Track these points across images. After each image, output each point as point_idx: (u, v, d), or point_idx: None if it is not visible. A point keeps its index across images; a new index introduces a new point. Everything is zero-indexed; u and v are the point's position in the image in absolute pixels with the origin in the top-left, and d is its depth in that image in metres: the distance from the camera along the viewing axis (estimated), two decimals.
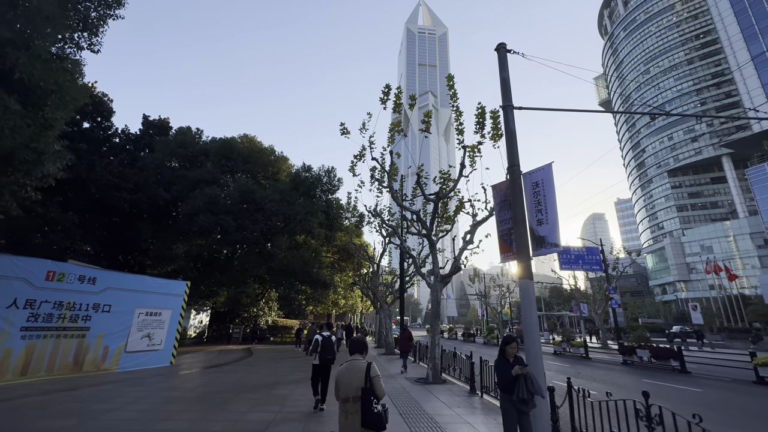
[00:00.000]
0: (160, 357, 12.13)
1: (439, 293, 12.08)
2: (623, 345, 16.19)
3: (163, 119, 27.10)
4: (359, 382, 3.03)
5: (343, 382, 3.10)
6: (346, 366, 3.21)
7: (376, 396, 2.99)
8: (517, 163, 6.13)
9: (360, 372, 3.09)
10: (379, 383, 3.10)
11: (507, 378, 3.89)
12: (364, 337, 3.96)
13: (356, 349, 3.38)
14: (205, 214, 19.20)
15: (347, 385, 3.06)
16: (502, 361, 4.10)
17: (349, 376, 3.09)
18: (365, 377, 3.05)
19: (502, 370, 4.01)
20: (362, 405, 2.91)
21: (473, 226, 12.30)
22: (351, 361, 3.26)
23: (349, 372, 3.11)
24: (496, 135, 11.91)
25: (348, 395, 3.02)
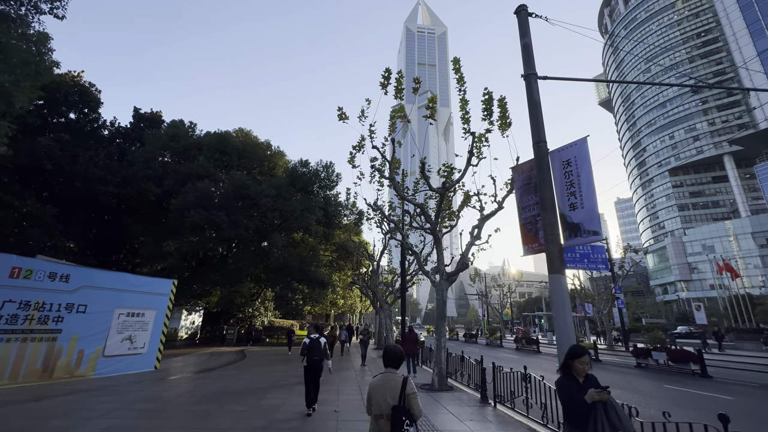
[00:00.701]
0: (143, 361, 11.20)
1: (445, 292, 11.21)
2: (637, 347, 15.35)
3: (155, 112, 26.15)
4: (393, 398, 2.73)
5: (377, 397, 2.80)
6: (379, 379, 2.89)
7: (412, 416, 2.70)
8: (544, 138, 5.27)
9: (395, 387, 2.78)
10: (416, 402, 2.77)
11: (579, 406, 2.70)
12: (399, 348, 3.14)
13: (391, 361, 2.99)
14: (197, 210, 18.26)
15: (380, 401, 2.77)
16: (568, 381, 2.91)
17: (383, 391, 2.79)
18: (400, 394, 2.74)
19: (570, 394, 2.81)
20: (392, 425, 2.65)
21: (481, 219, 11.45)
22: (385, 374, 2.93)
23: (383, 386, 2.81)
24: (504, 124, 11.11)
25: (381, 412, 2.74)
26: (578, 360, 2.85)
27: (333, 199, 26.56)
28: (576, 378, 2.87)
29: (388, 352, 2.99)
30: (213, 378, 10.59)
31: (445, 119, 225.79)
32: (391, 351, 2.99)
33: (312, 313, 47.04)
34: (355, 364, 13.93)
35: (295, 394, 8.27)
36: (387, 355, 2.99)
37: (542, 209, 4.90)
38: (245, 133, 26.36)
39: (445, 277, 11.28)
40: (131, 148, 21.55)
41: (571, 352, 2.96)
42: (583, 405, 2.66)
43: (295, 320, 37.54)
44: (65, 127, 17.36)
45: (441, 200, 10.84)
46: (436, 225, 11.19)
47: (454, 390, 9.58)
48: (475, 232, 11.37)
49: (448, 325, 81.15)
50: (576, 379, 2.87)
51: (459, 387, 10.03)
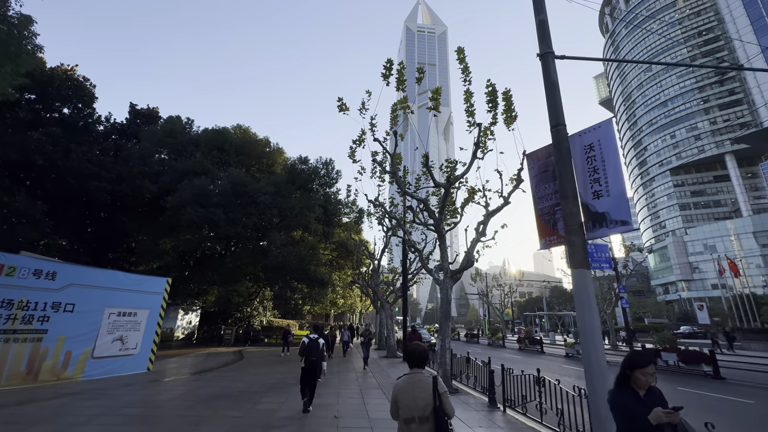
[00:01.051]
0: (135, 363, 10.76)
1: (449, 291, 10.78)
2: (645, 348, 14.93)
3: (152, 109, 25.69)
4: (425, 400, 2.58)
5: (405, 399, 2.62)
6: (406, 381, 2.71)
7: (447, 415, 2.59)
8: (563, 122, 4.83)
9: (426, 388, 2.63)
10: (448, 401, 2.64)
11: (640, 428, 2.12)
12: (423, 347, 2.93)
13: (416, 361, 2.83)
14: (193, 207, 17.82)
15: (410, 404, 2.59)
16: (625, 395, 2.28)
17: (412, 392, 2.62)
18: (433, 394, 2.59)
19: (628, 412, 2.20)
20: (436, 426, 2.52)
21: (486, 215, 11.03)
22: (412, 374, 2.76)
23: (412, 388, 2.64)
24: (509, 117, 10.72)
25: (412, 415, 2.57)
26: (641, 371, 2.23)
27: (333, 197, 26.14)
28: (635, 391, 2.27)
29: (412, 352, 2.83)
30: (208, 380, 10.15)
31: (445, 119, 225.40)
32: (415, 351, 2.81)
33: (312, 312, 46.59)
34: (356, 366, 13.47)
35: (292, 398, 7.84)
36: (411, 355, 2.82)
37: (562, 198, 4.47)
38: (243, 129, 25.91)
39: (449, 275, 10.86)
40: (127, 145, 21.09)
41: (632, 361, 2.30)
42: (645, 426, 2.08)
43: (294, 320, 37.09)
44: (58, 122, 16.89)
45: (445, 195, 10.41)
46: (440, 221, 10.76)
47: (460, 393, 9.16)
48: (481, 228, 10.95)
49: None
50: (635, 393, 2.27)
51: (465, 390, 9.61)
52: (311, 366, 6.57)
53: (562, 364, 16.79)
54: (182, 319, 20.45)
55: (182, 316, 20.42)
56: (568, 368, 15.06)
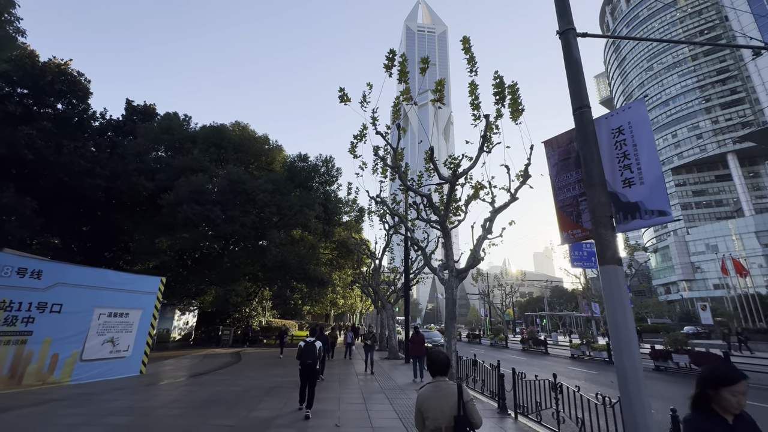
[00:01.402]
0: (126, 365, 10.31)
1: (455, 290, 10.33)
2: (655, 349, 14.49)
3: (149, 105, 25.25)
4: (452, 409, 2.49)
5: (431, 409, 2.51)
6: (430, 390, 2.60)
7: (474, 425, 2.50)
8: (587, 103, 4.38)
9: (451, 396, 2.54)
10: (475, 409, 2.56)
11: None
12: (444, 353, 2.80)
13: (439, 368, 2.71)
14: (190, 205, 17.37)
15: (437, 414, 2.48)
16: (710, 422, 1.77)
17: (438, 401, 2.52)
18: (458, 402, 2.51)
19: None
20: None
21: (493, 212, 10.59)
22: (436, 383, 2.64)
23: (437, 397, 2.54)
24: (516, 111, 10.30)
25: (439, 425, 2.47)
26: (730, 389, 1.71)
27: (333, 196, 25.70)
28: (721, 417, 1.74)
29: (434, 359, 2.70)
30: (202, 384, 9.69)
31: (445, 119, 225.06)
32: (438, 358, 2.69)
33: (312, 312, 46.12)
34: (358, 370, 12.84)
35: (290, 404, 7.40)
36: (434, 362, 2.69)
37: (588, 187, 4.03)
38: (242, 126, 25.46)
39: (454, 275, 10.42)
40: (122, 141, 20.64)
41: (719, 377, 1.76)
42: None
43: (294, 320, 36.62)
44: (51, 117, 16.44)
45: (451, 190, 9.96)
46: (445, 217, 10.31)
47: None
48: (488, 225, 10.52)
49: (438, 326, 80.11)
50: (721, 419, 1.73)
51: (473, 395, 9.15)
52: (308, 369, 6.63)
53: (569, 365, 16.34)
54: (179, 319, 19.99)
55: (179, 316, 19.97)
56: (575, 370, 14.61)
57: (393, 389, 9.55)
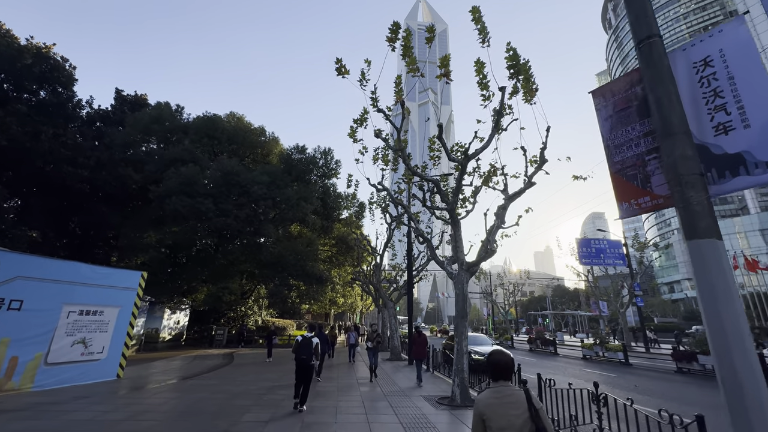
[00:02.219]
0: (101, 369, 9.28)
1: (465, 286, 9.31)
2: (678, 350, 13.47)
3: (140, 95, 24.21)
4: (521, 417, 2.10)
5: (497, 419, 2.12)
6: (493, 396, 2.21)
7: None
8: (656, 32, 3.36)
9: (519, 403, 2.15)
10: (547, 418, 2.16)
11: None
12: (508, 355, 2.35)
13: (503, 372, 2.28)
14: (179, 197, 16.33)
15: (504, 423, 2.11)
16: None
17: (504, 408, 2.13)
18: (529, 410, 2.12)
19: None
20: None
21: (508, 198, 9.57)
22: (499, 388, 2.24)
23: (503, 405, 2.15)
24: (529, 91, 9.31)
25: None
26: None
27: (332, 190, 24.66)
28: None
29: (497, 361, 2.36)
30: (184, 390, 8.67)
31: (445, 117, 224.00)
32: (501, 360, 2.34)
33: (311, 312, 45.10)
34: (360, 375, 11.46)
35: (280, 415, 6.37)
36: (497, 365, 2.35)
37: (665, 138, 3.02)
38: (237, 117, 24.41)
39: (465, 268, 9.39)
40: (110, 132, 19.59)
41: None
42: None
43: (293, 319, 35.57)
44: (29, 103, 15.41)
45: (461, 174, 8.93)
46: (454, 204, 9.28)
47: None
48: (501, 214, 9.50)
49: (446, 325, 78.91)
50: None
51: None
52: (302, 364, 6.51)
53: (582, 367, 15.31)
54: (169, 318, 18.98)
55: (169, 315, 18.96)
56: (591, 373, 13.57)
57: (396, 394, 8.52)
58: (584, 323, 49.28)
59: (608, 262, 27.93)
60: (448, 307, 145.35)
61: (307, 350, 6.56)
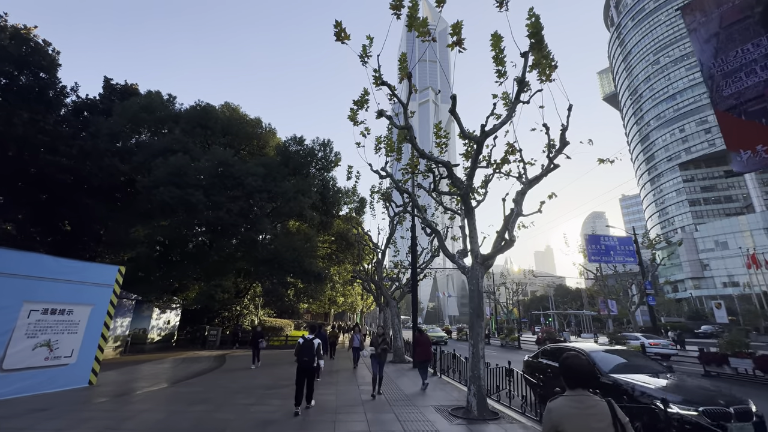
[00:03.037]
0: (70, 375, 8.22)
1: (481, 281, 8.27)
2: (708, 352, 12.43)
3: (130, 85, 23.12)
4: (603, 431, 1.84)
5: (574, 430, 1.88)
6: (570, 405, 1.94)
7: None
8: None
9: (602, 415, 1.88)
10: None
11: None
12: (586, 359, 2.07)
13: (581, 378, 2.00)
14: (168, 187, 15.26)
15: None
16: None
17: (584, 420, 1.87)
18: (614, 426, 1.84)
19: None
20: None
21: (528, 183, 8.53)
22: (578, 396, 1.97)
23: (584, 416, 1.89)
24: (549, 68, 8.31)
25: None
26: None
27: (332, 184, 23.61)
28: None
29: (574, 366, 2.03)
30: (160, 400, 7.61)
31: (445, 117, 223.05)
32: (580, 365, 2.01)
33: (311, 311, 44.05)
34: (363, 383, 9.93)
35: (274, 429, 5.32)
36: (572, 369, 2.02)
37: None
38: (232, 108, 23.34)
39: (480, 261, 8.34)
40: (96, 120, 18.51)
41: None
42: None
43: (291, 319, 34.52)
44: (4, 86, 14.33)
45: (477, 154, 7.87)
46: (468, 189, 8.22)
47: (502, 419, 6.64)
48: (520, 200, 8.47)
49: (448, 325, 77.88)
50: None
51: (506, 413, 7.08)
52: (305, 366, 6.47)
53: None
54: (158, 318, 17.90)
55: (158, 315, 17.88)
56: None
57: (402, 403, 7.45)
58: (588, 323, 48.29)
59: (618, 259, 26.93)
60: (448, 307, 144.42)
61: (309, 352, 6.49)
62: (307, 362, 6.44)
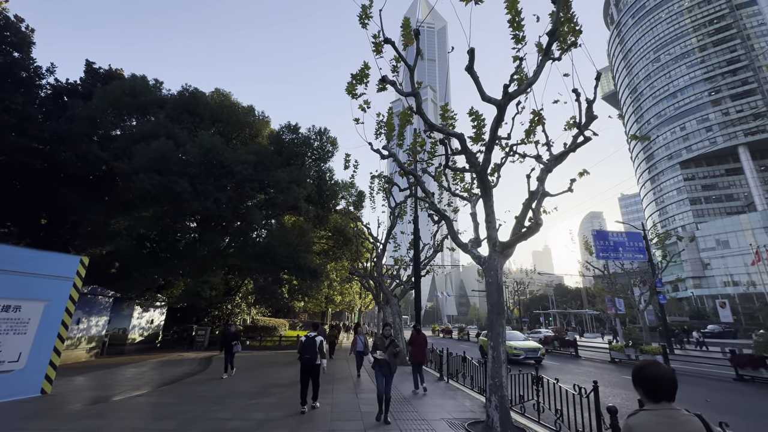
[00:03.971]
0: (16, 384, 6.95)
1: (500, 272, 7.12)
2: (740, 354, 11.32)
3: (115, 70, 21.75)
4: None
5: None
6: (660, 422, 1.69)
7: None
8: None
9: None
10: None
11: None
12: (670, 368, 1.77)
13: (667, 390, 1.74)
14: (149, 174, 13.97)
15: None
16: None
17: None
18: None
19: None
20: None
21: (554, 159, 7.39)
22: (664, 411, 1.72)
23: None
24: (573, 32, 7.27)
25: None
26: None
27: (328, 176, 22.35)
28: None
29: (660, 376, 1.76)
30: (120, 414, 6.37)
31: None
32: (665, 374, 1.75)
33: (307, 311, 42.80)
34: (366, 397, 7.91)
35: None
36: (657, 379, 1.76)
37: None
38: (223, 94, 22.01)
39: (498, 249, 7.19)
40: (74, 104, 17.17)
41: None
42: None
43: (287, 318, 33.25)
44: None
45: (498, 121, 6.67)
46: (487, 164, 7.04)
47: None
48: (544, 177, 7.32)
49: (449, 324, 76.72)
50: None
51: (533, 429, 5.90)
52: (307, 363, 6.42)
53: (620, 374, 13.10)
54: (140, 317, 16.57)
55: (140, 313, 16.55)
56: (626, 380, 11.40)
57: (409, 417, 6.26)
58: (590, 322, 47.33)
59: (627, 256, 25.93)
60: (446, 307, 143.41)
61: (311, 349, 6.41)
62: (309, 359, 6.35)
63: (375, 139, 10.52)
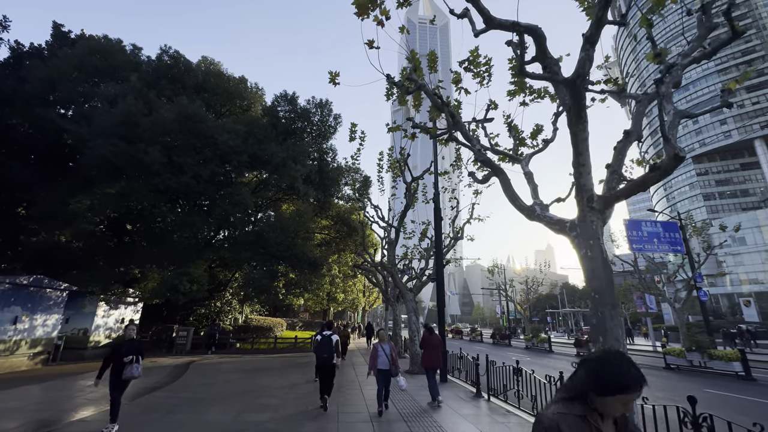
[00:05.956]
0: None
1: (602, 240, 4.48)
2: None
3: (88, 36, 19.12)
4: None
5: None
6: None
7: None
8: None
9: None
10: None
11: None
12: None
13: None
14: (110, 140, 11.38)
15: None
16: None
17: None
18: None
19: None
20: None
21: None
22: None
23: None
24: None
25: None
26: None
27: (331, 156, 19.76)
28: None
29: None
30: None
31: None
32: None
33: (308, 310, 40.16)
34: None
35: None
36: None
37: None
38: (212, 63, 19.39)
39: (597, 207, 4.61)
40: (32, 64, 14.57)
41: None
42: None
43: (285, 318, 30.61)
44: None
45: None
46: (590, 64, 4.42)
47: None
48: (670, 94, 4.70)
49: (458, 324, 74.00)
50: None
51: None
52: (324, 363, 6.37)
53: (701, 385, 10.48)
54: (106, 315, 13.91)
55: (107, 311, 13.91)
56: (725, 395, 8.74)
57: None
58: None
59: (663, 247, 23.34)
60: (450, 306, 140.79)
61: (328, 348, 6.35)
62: (327, 359, 6.33)
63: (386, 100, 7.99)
